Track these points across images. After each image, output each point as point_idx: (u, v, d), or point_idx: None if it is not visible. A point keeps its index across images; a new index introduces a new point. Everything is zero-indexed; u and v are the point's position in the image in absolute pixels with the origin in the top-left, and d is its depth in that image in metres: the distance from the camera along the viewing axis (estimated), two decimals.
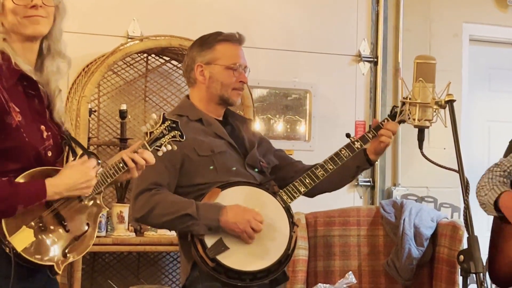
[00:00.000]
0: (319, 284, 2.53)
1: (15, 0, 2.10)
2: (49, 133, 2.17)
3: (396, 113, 2.87)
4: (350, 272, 2.59)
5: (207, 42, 2.86)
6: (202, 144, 2.75)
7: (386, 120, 2.88)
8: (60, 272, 2.11)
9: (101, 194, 2.21)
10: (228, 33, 2.89)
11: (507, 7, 4.83)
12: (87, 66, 3.69)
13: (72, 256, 2.14)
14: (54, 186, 2.07)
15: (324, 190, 2.99)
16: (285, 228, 2.74)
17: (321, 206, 3.75)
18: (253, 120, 3.53)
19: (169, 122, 2.30)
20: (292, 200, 2.77)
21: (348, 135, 2.87)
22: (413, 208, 3.81)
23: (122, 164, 2.20)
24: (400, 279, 3.69)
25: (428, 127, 2.59)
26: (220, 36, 2.87)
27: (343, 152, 2.84)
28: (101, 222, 3.49)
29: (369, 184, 4.52)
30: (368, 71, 4.54)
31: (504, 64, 4.97)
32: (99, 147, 3.87)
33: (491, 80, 4.98)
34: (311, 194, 2.94)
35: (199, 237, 2.64)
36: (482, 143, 4.90)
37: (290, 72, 4.36)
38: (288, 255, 2.72)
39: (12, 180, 2.03)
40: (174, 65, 4.01)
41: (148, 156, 2.24)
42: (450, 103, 2.42)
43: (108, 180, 2.19)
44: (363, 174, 4.49)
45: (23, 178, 2.06)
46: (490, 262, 2.98)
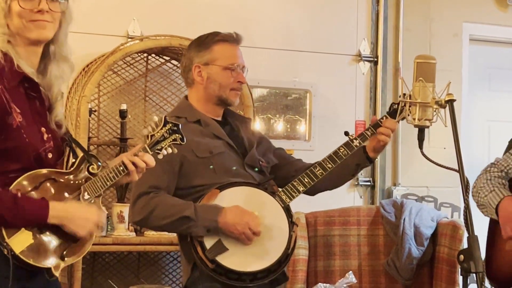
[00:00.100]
0: (319, 283, 2.52)
1: (21, 4, 2.10)
2: (49, 135, 2.17)
3: (394, 110, 2.86)
4: (350, 271, 2.58)
5: (204, 43, 2.85)
6: (200, 146, 2.74)
7: (384, 118, 2.87)
8: (57, 274, 2.11)
9: (100, 197, 2.21)
10: (225, 33, 2.88)
11: (507, 6, 4.82)
12: (87, 66, 3.69)
13: (70, 259, 2.14)
14: (56, 210, 2.07)
15: (325, 188, 2.98)
16: (284, 228, 2.73)
17: (321, 205, 3.75)
18: (252, 119, 3.52)
19: (170, 125, 2.30)
20: (291, 199, 2.77)
21: (346, 133, 2.86)
22: (413, 208, 3.81)
23: (122, 167, 2.20)
24: (400, 278, 3.69)
25: (428, 127, 2.59)
26: (218, 36, 2.86)
27: (341, 151, 2.83)
28: None
29: (369, 183, 4.52)
30: (368, 71, 4.54)
31: (504, 64, 4.96)
32: (99, 147, 3.87)
33: (491, 79, 4.98)
34: (312, 192, 2.93)
35: (198, 238, 2.63)
36: (482, 143, 4.90)
37: (290, 72, 4.36)
38: (288, 254, 2.72)
39: (17, 197, 2.03)
40: (174, 64, 4.01)
41: (149, 159, 2.23)
42: (450, 102, 2.42)
43: (108, 183, 2.18)
44: (363, 174, 4.49)
45: (25, 180, 2.06)
46: (488, 263, 2.97)
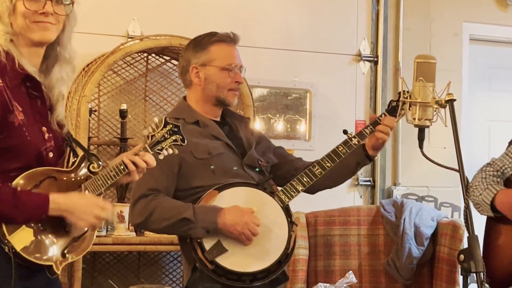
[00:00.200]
0: (319, 283, 2.53)
1: (26, 5, 2.10)
2: (50, 134, 2.17)
3: (393, 107, 2.87)
4: (350, 271, 2.59)
5: (201, 44, 2.85)
6: (199, 147, 2.73)
7: (383, 115, 2.87)
8: (58, 272, 2.11)
9: (101, 196, 2.21)
10: (222, 33, 2.86)
11: (507, 6, 4.83)
12: (87, 65, 3.69)
13: (71, 257, 2.14)
14: (57, 203, 2.07)
15: (325, 186, 2.98)
16: (283, 227, 2.73)
17: (321, 205, 3.75)
18: (251, 119, 3.51)
19: (170, 126, 2.30)
20: (290, 199, 2.76)
21: (345, 132, 2.85)
22: (413, 208, 3.81)
23: (122, 167, 2.20)
24: (400, 278, 3.69)
25: (428, 127, 2.59)
26: (214, 37, 2.85)
27: (340, 149, 2.82)
28: None
29: (369, 183, 4.52)
30: (368, 71, 4.54)
31: (504, 64, 4.96)
32: (99, 146, 3.87)
33: (491, 79, 4.98)
34: (312, 191, 2.93)
35: (197, 240, 2.63)
36: (483, 143, 4.90)
37: (290, 72, 4.36)
38: (288, 254, 2.71)
39: (16, 191, 2.03)
40: (174, 64, 4.00)
41: (149, 158, 2.24)
42: (450, 102, 2.41)
43: (108, 182, 2.19)
44: (363, 174, 4.49)
45: (23, 179, 2.06)
46: (485, 264, 2.96)
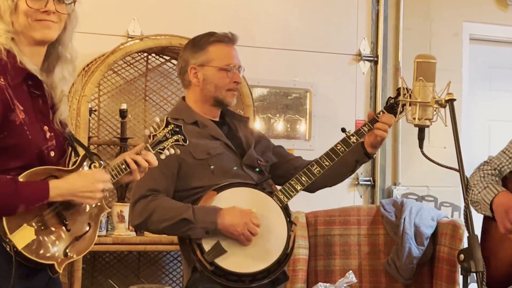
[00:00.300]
0: (320, 283, 2.52)
1: (29, 3, 2.10)
2: (52, 133, 2.17)
3: (391, 104, 2.87)
4: (351, 271, 2.59)
5: (199, 44, 2.84)
6: (198, 148, 2.73)
7: (381, 113, 2.86)
8: (60, 271, 2.11)
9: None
10: (220, 33, 2.86)
11: (507, 6, 4.82)
12: (87, 65, 3.69)
13: (72, 256, 2.14)
14: (58, 188, 2.07)
15: (324, 185, 2.97)
16: (282, 228, 2.73)
17: (321, 205, 3.75)
18: (250, 118, 3.51)
19: (172, 126, 2.31)
20: (288, 199, 2.76)
21: (343, 130, 2.85)
22: (413, 207, 3.80)
23: (124, 166, 2.20)
24: (400, 278, 3.69)
25: (428, 126, 2.58)
26: (212, 37, 2.84)
27: (338, 148, 2.82)
28: (101, 221, 3.49)
29: (369, 183, 4.52)
30: (368, 70, 4.54)
31: (504, 63, 4.96)
32: (99, 146, 3.87)
33: (492, 79, 4.98)
34: (311, 189, 2.92)
35: (196, 241, 2.63)
36: (483, 142, 4.90)
37: (290, 71, 4.36)
38: (287, 254, 2.71)
39: (16, 179, 2.03)
40: (174, 64, 4.00)
41: (151, 158, 2.24)
42: (451, 102, 2.41)
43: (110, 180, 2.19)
44: (364, 173, 4.49)
45: (24, 178, 2.06)
46: None
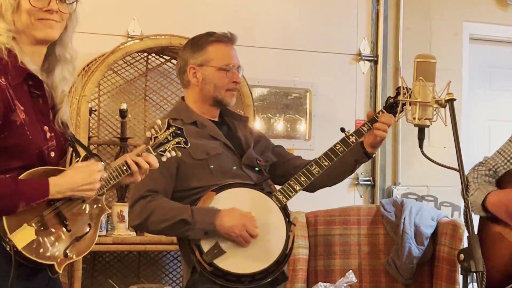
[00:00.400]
0: (320, 283, 2.52)
1: (32, 2, 2.10)
2: (52, 134, 2.18)
3: (391, 104, 2.87)
4: (351, 271, 2.59)
5: (198, 44, 2.84)
6: (197, 148, 2.73)
7: (381, 112, 2.86)
8: (60, 271, 2.11)
9: (103, 196, 2.21)
10: (219, 33, 2.86)
11: (507, 6, 4.82)
12: (87, 65, 3.69)
13: (72, 256, 2.14)
14: (57, 185, 2.07)
15: (324, 185, 2.97)
16: (281, 228, 2.73)
17: (321, 205, 3.75)
18: (249, 118, 3.51)
19: (173, 128, 2.31)
20: (287, 199, 2.76)
21: (342, 130, 2.85)
22: (413, 207, 3.80)
23: (125, 167, 2.20)
24: (400, 278, 3.68)
25: (428, 126, 2.58)
26: (212, 37, 2.84)
27: (338, 147, 2.82)
28: (101, 221, 3.48)
29: (369, 183, 4.52)
30: (368, 70, 4.54)
31: (504, 63, 4.96)
32: (99, 146, 3.87)
33: (492, 79, 4.98)
34: (311, 189, 2.92)
35: (195, 242, 2.63)
36: (483, 142, 4.90)
37: (290, 71, 4.36)
38: (286, 255, 2.71)
39: (15, 177, 2.03)
40: (174, 64, 3.99)
41: (152, 160, 2.24)
42: (450, 102, 2.41)
43: (111, 182, 2.19)
44: (364, 173, 4.49)
45: (25, 177, 2.06)
46: None
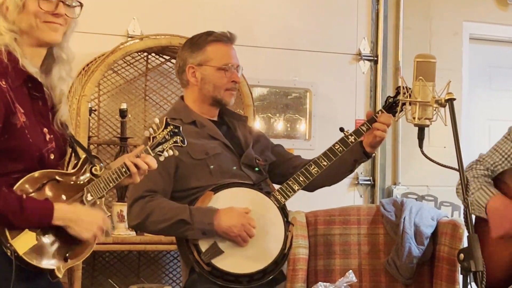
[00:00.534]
0: (320, 282, 2.52)
1: (41, 5, 2.10)
2: (51, 135, 2.17)
3: (390, 103, 2.87)
4: (351, 270, 2.58)
5: (197, 43, 2.84)
6: (196, 148, 2.73)
7: (380, 112, 2.86)
8: (60, 276, 2.11)
9: (103, 199, 2.21)
10: (219, 32, 2.86)
11: (507, 5, 4.82)
12: (87, 65, 3.69)
13: (72, 261, 2.14)
14: (61, 212, 2.07)
15: (323, 184, 2.98)
16: (280, 228, 2.73)
17: (321, 204, 3.75)
18: (249, 117, 3.51)
19: (171, 127, 2.30)
20: (286, 199, 2.76)
21: (342, 129, 2.85)
22: (413, 207, 3.80)
23: (124, 169, 2.20)
24: (400, 277, 3.68)
25: (428, 126, 2.58)
26: (211, 36, 2.84)
27: (337, 147, 2.82)
28: None
29: (369, 182, 4.52)
30: (368, 70, 4.54)
31: (504, 63, 4.96)
32: (99, 146, 3.87)
33: (492, 78, 4.98)
34: (310, 189, 2.92)
35: (193, 242, 2.63)
36: (483, 142, 4.89)
37: (290, 71, 4.36)
38: (284, 255, 2.72)
39: (22, 199, 2.02)
40: (174, 64, 4.00)
41: (151, 160, 2.24)
42: (450, 101, 2.41)
43: (110, 184, 2.19)
44: (363, 173, 4.49)
45: (26, 183, 2.06)
46: None
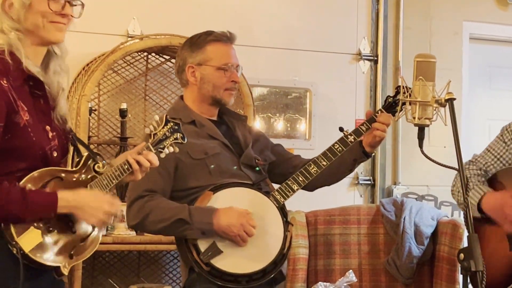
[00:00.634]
0: (320, 282, 2.52)
1: (51, 6, 2.10)
2: (54, 133, 2.18)
3: (389, 103, 2.87)
4: (351, 270, 2.59)
5: (197, 43, 2.84)
6: (195, 147, 2.73)
7: (380, 112, 2.86)
8: (66, 273, 2.12)
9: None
10: (218, 32, 2.85)
11: (507, 5, 4.82)
12: (87, 65, 3.69)
13: (77, 258, 2.14)
14: (66, 200, 2.07)
15: (322, 184, 2.98)
16: (279, 228, 2.73)
17: (321, 204, 3.75)
18: (249, 117, 3.51)
19: (171, 124, 2.30)
20: (285, 199, 2.76)
21: (341, 129, 2.85)
22: (413, 207, 3.79)
23: (127, 166, 2.20)
24: (400, 277, 3.68)
25: (428, 126, 2.58)
26: (210, 36, 2.84)
27: (336, 147, 2.82)
28: None
29: (369, 182, 4.52)
30: (368, 70, 4.54)
31: (504, 63, 4.96)
32: (99, 146, 3.87)
33: (492, 78, 4.98)
34: (310, 188, 2.92)
35: (192, 241, 2.63)
36: (483, 142, 4.86)
37: (290, 71, 4.36)
38: (284, 254, 2.72)
39: (25, 191, 2.03)
40: (174, 63, 4.00)
41: (153, 158, 2.24)
42: (450, 101, 2.41)
43: (113, 181, 2.19)
44: (364, 173, 4.49)
45: (30, 181, 2.06)
46: None
